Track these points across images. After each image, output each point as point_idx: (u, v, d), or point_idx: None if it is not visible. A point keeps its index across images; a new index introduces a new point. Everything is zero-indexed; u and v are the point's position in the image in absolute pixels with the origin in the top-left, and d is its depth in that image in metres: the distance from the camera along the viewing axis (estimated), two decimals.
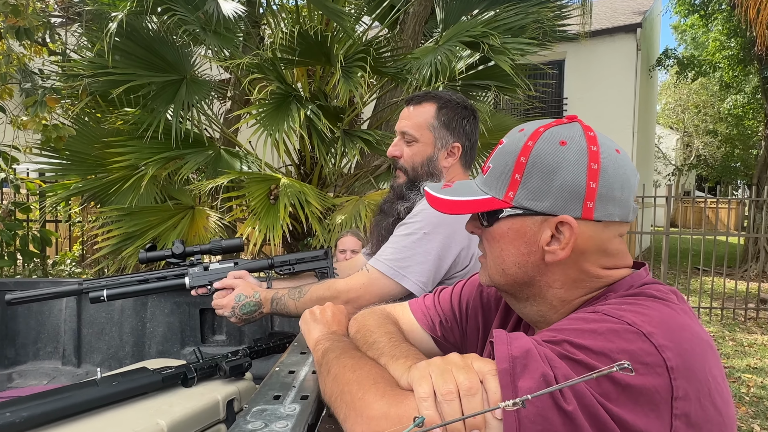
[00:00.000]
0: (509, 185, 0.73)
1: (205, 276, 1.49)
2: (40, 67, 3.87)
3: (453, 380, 0.61)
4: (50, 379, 1.77)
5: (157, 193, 3.35)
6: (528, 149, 0.72)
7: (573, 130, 0.73)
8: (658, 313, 0.63)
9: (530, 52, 3.57)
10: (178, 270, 1.50)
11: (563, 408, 0.56)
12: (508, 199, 0.73)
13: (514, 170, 0.72)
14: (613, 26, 11.10)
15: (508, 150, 0.74)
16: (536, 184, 0.71)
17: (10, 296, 1.31)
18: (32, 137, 3.18)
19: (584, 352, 0.59)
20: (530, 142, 0.72)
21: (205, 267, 1.50)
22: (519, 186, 0.72)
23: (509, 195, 0.73)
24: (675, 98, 20.56)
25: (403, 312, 1.02)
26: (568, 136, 0.72)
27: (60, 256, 4.57)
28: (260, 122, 3.06)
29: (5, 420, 0.92)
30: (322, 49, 3.15)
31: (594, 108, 10.77)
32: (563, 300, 0.74)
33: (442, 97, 1.44)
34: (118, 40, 3.07)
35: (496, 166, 0.75)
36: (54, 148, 3.20)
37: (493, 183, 0.75)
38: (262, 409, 0.77)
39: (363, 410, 0.66)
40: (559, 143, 0.71)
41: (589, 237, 0.71)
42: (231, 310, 1.40)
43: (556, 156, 0.70)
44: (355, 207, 3.25)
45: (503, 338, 0.63)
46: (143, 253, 1.47)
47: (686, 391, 0.58)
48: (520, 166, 0.72)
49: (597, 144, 0.71)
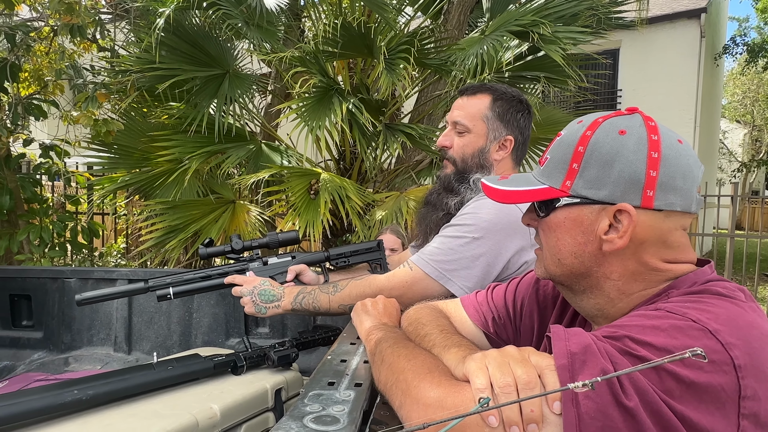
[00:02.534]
0: (566, 174, 0.72)
1: (265, 270, 1.52)
2: (90, 63, 4.00)
3: (511, 373, 0.60)
4: (103, 365, 1.85)
5: (199, 187, 3.39)
6: (586, 139, 0.71)
7: (633, 120, 0.72)
8: (724, 311, 0.61)
9: (583, 41, 3.37)
10: (238, 265, 1.52)
11: (624, 404, 0.54)
12: (565, 188, 0.72)
13: (572, 159, 0.72)
14: (674, 12, 10.43)
15: (566, 141, 0.74)
16: (594, 173, 0.70)
17: (80, 297, 1.36)
18: (81, 132, 3.28)
19: (646, 348, 0.58)
20: (588, 132, 0.72)
21: (265, 262, 1.53)
22: (577, 175, 0.71)
23: (566, 184, 0.72)
24: (743, 89, 19.25)
25: (455, 308, 1.02)
26: (628, 126, 0.71)
27: (106, 248, 4.75)
28: (301, 116, 3.03)
29: (74, 396, 1.01)
30: (365, 41, 3.08)
31: (651, 100, 10.18)
32: (622, 292, 0.73)
33: (497, 89, 1.42)
34: (164, 35, 3.11)
35: (554, 157, 0.75)
36: (103, 142, 3.29)
37: (550, 173, 0.74)
38: (318, 393, 0.79)
39: (419, 397, 0.66)
40: (618, 132, 0.70)
41: (648, 226, 0.69)
42: (251, 288, 1.40)
43: (615, 144, 0.69)
44: (396, 203, 3.18)
45: (561, 334, 0.62)
46: (203, 249, 1.49)
47: (755, 391, 0.56)
48: (578, 156, 0.71)
49: (658, 133, 0.70)
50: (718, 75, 14.08)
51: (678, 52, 10.40)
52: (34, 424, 0.96)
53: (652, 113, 0.76)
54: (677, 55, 10.39)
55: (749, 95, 18.90)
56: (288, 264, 1.53)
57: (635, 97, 10.44)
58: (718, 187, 6.36)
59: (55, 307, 1.94)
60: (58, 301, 1.93)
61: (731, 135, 20.42)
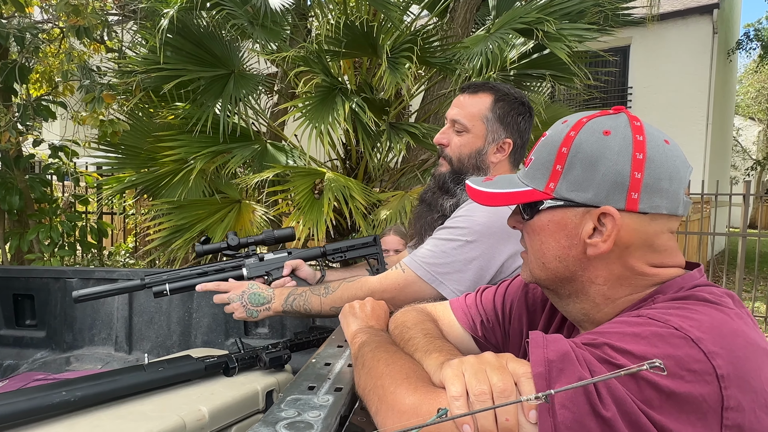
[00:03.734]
0: (550, 176, 0.71)
1: (261, 266, 1.52)
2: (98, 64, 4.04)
3: (487, 381, 0.59)
4: (104, 364, 1.87)
5: (205, 186, 3.41)
6: (570, 139, 0.70)
7: (618, 120, 0.70)
8: (708, 318, 0.59)
9: (589, 38, 3.33)
10: (234, 262, 1.52)
11: (601, 414, 0.54)
12: (548, 191, 0.71)
13: (555, 161, 0.70)
14: (685, 7, 10.27)
15: (550, 141, 0.72)
16: (578, 175, 0.69)
17: (77, 294, 1.37)
18: (90, 132, 3.32)
19: (625, 356, 0.57)
20: (572, 133, 0.70)
21: (261, 258, 1.53)
22: (560, 177, 0.70)
23: (550, 186, 0.71)
24: (757, 86, 18.92)
25: (443, 311, 1.01)
26: (613, 126, 0.69)
27: (115, 247, 4.80)
28: (305, 115, 3.03)
29: (62, 398, 1.00)
30: (368, 40, 3.07)
31: (663, 98, 10.04)
32: (607, 297, 0.71)
33: (499, 90, 1.39)
34: (170, 36, 3.13)
35: (538, 158, 0.73)
36: (110, 142, 3.32)
37: (534, 175, 0.73)
38: (296, 398, 0.79)
39: (394, 404, 0.66)
40: (603, 133, 0.69)
41: (633, 230, 0.67)
42: (240, 293, 1.39)
43: (599, 145, 0.68)
44: (401, 202, 3.16)
45: (539, 341, 0.61)
46: (199, 246, 1.49)
47: (739, 402, 0.55)
48: (561, 157, 0.70)
49: (643, 134, 0.68)
50: (732, 71, 13.85)
51: (690, 49, 10.24)
52: (21, 425, 0.96)
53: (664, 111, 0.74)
54: (689, 52, 10.23)
55: (764, 92, 18.57)
56: (284, 259, 1.53)
57: (646, 95, 10.30)
58: (731, 185, 6.26)
59: (58, 307, 1.96)
60: (60, 301, 1.96)
61: (745, 132, 20.07)
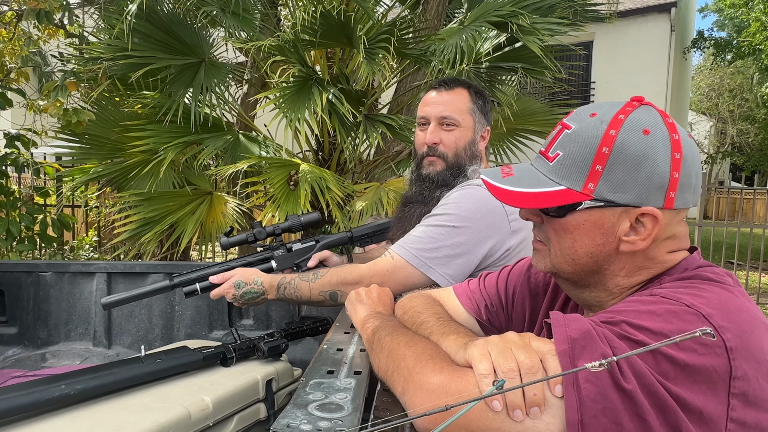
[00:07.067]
0: (588, 176, 0.69)
1: (289, 257, 1.50)
2: (57, 50, 3.85)
3: (513, 358, 0.61)
4: (82, 360, 1.81)
5: (175, 178, 3.31)
6: (611, 139, 0.68)
7: (653, 117, 0.70)
8: (715, 296, 0.63)
9: (560, 32, 3.40)
10: (262, 255, 1.49)
11: (623, 386, 0.56)
12: (587, 191, 0.70)
13: (594, 161, 0.69)
14: (645, 5, 10.65)
15: (584, 138, 0.70)
16: (620, 176, 0.68)
17: (105, 301, 1.33)
18: (49, 121, 3.16)
19: (643, 332, 0.60)
20: (612, 131, 0.69)
21: (289, 248, 1.50)
22: (601, 177, 0.69)
23: (589, 187, 0.69)
24: (708, 82, 19.78)
25: (447, 296, 1.03)
26: (651, 124, 0.69)
27: (78, 241, 4.62)
28: (279, 107, 2.98)
29: (61, 391, 0.99)
30: (344, 30, 3.04)
31: (623, 93, 10.34)
32: (622, 287, 0.74)
33: (470, 83, 1.47)
34: (136, 22, 3.01)
35: (569, 155, 0.71)
36: (73, 132, 3.18)
37: (567, 173, 0.71)
38: (319, 382, 0.80)
39: (421, 383, 0.67)
40: (643, 132, 0.68)
41: (665, 225, 0.70)
42: (233, 297, 1.38)
43: (642, 146, 0.68)
44: (376, 194, 3.16)
45: (561, 320, 0.63)
46: (225, 239, 1.46)
47: (745, 371, 0.59)
48: (602, 157, 0.68)
49: (677, 132, 0.69)
50: (687, 68, 14.46)
51: (649, 46, 10.63)
52: (22, 420, 0.94)
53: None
54: (648, 49, 10.63)
55: (714, 88, 19.43)
56: (312, 249, 1.51)
57: (608, 90, 10.64)
58: None
59: (30, 302, 1.88)
60: (33, 296, 1.88)
61: (697, 127, 21.00)
